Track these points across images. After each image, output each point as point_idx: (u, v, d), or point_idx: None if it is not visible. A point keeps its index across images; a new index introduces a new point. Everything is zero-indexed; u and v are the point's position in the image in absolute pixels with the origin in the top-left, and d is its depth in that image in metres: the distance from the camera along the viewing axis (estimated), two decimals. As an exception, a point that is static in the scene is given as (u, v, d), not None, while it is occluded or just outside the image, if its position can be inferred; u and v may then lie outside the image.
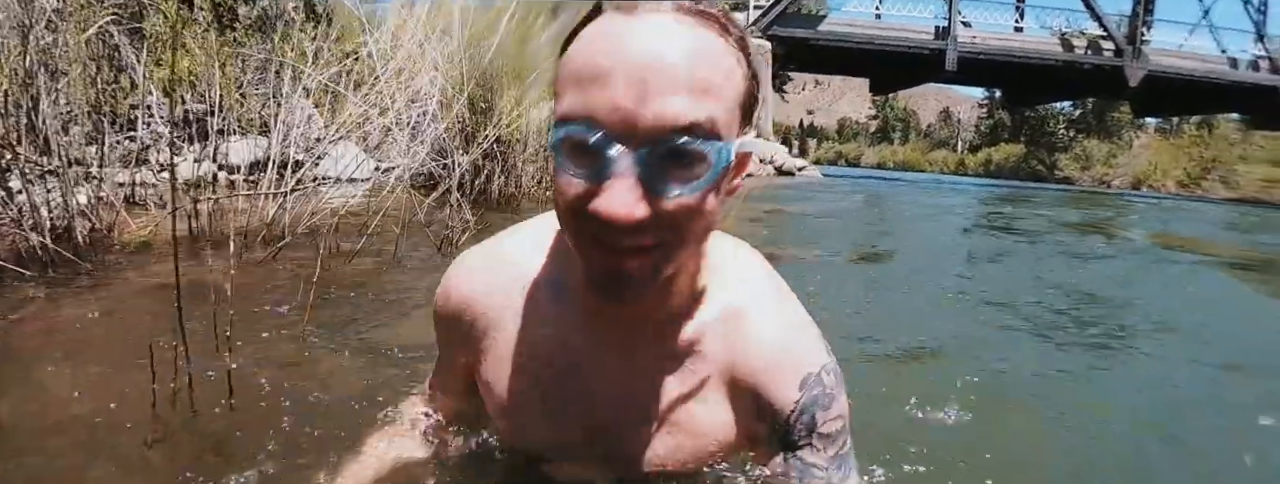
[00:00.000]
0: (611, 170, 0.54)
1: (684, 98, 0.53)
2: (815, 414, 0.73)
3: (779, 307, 0.77)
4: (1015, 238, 6.57)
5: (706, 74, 0.55)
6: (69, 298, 2.06)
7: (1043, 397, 1.87)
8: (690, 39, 0.55)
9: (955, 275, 3.87)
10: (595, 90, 0.54)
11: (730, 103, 0.57)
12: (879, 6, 23.47)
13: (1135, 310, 3.22)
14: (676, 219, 0.57)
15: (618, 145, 0.54)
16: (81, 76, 3.14)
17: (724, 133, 0.57)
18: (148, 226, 2.86)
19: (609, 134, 0.54)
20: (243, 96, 4.12)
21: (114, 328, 1.80)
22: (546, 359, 0.77)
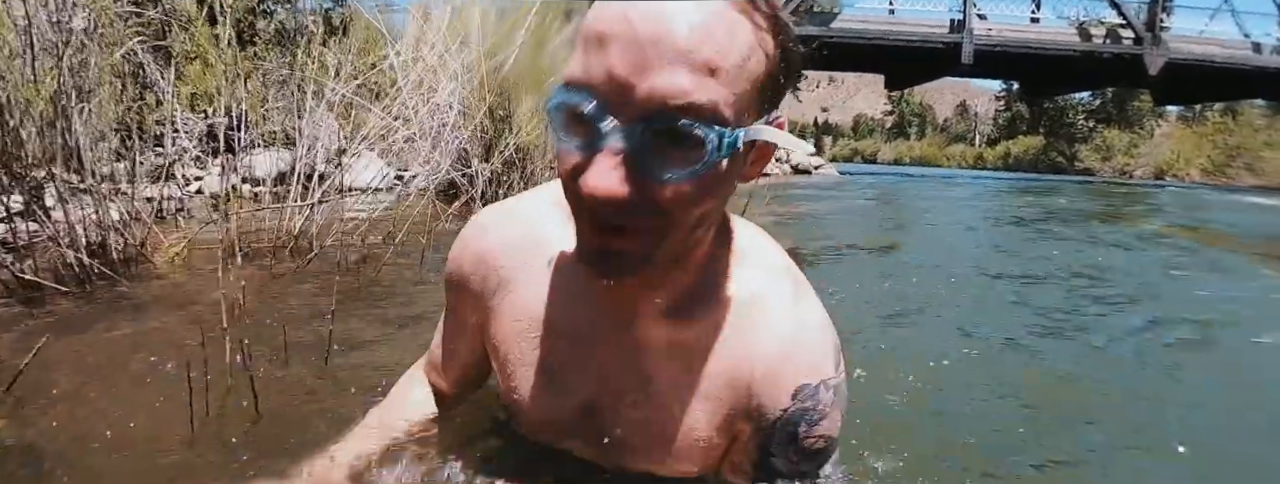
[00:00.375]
0: (601, 143, 0.52)
1: (685, 74, 0.50)
2: (798, 428, 0.69)
3: (796, 303, 0.73)
4: (1040, 233, 6.50)
5: (716, 52, 0.51)
6: (108, 313, 2.11)
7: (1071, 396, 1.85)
8: (705, 12, 0.51)
9: (983, 274, 3.83)
10: (594, 56, 0.52)
11: (742, 86, 0.53)
12: (892, 1, 23.32)
13: (1165, 306, 3.17)
14: (665, 204, 0.54)
15: (610, 117, 0.51)
16: (110, 95, 3.21)
17: (731, 117, 0.53)
18: (180, 242, 2.91)
19: (602, 104, 0.51)
20: (265, 111, 4.18)
21: (152, 343, 1.83)
22: (553, 327, 0.75)
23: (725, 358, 0.71)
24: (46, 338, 1.34)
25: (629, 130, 0.51)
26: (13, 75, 2.35)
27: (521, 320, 0.77)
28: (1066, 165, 52.74)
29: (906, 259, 4.36)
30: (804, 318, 0.72)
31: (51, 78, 2.41)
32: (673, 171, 0.53)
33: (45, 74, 2.39)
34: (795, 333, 0.70)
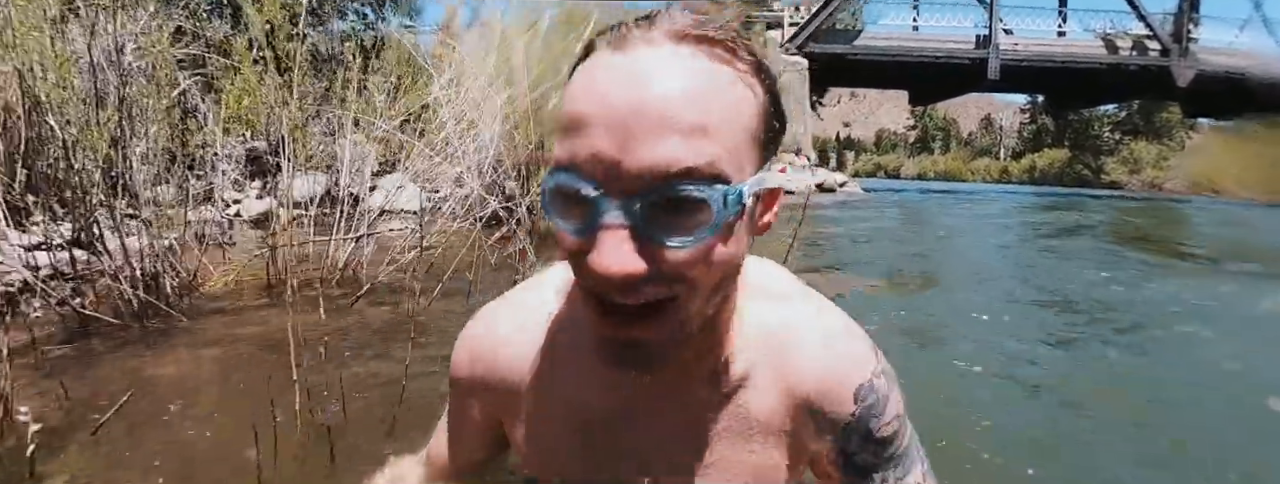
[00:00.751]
0: (601, 222, 0.49)
1: (675, 141, 0.47)
2: (870, 424, 0.70)
3: (818, 319, 0.72)
4: (1075, 253, 6.41)
5: (702, 112, 0.48)
6: (167, 351, 2.16)
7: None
8: (682, 74, 0.49)
9: (1019, 301, 3.78)
10: (578, 138, 0.49)
11: (737, 140, 0.51)
12: (916, 18, 23.27)
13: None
14: (680, 272, 0.52)
15: (606, 197, 0.49)
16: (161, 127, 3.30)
17: (731, 173, 0.50)
18: (229, 272, 2.98)
19: (596, 184, 0.49)
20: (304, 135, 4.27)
21: (211, 380, 1.88)
22: (583, 410, 0.71)
23: (774, 394, 0.70)
24: (130, 393, 1.38)
25: (626, 205, 0.49)
26: (77, 119, 2.44)
27: (549, 411, 0.73)
28: (1092, 178, 51.89)
29: (937, 291, 4.32)
30: (830, 327, 0.72)
31: (112, 120, 2.50)
32: (680, 238, 0.50)
33: (108, 118, 2.48)
34: (829, 343, 0.71)
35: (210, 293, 2.91)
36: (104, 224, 2.75)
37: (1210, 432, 1.84)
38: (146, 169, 3.02)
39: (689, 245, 0.50)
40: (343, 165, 3.37)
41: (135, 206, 2.90)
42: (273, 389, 1.48)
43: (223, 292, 2.93)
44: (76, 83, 2.48)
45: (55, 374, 1.79)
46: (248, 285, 3.03)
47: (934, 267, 5.26)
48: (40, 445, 1.18)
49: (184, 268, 2.90)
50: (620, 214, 0.49)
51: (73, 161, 2.43)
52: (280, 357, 2.06)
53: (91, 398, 1.65)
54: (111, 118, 2.46)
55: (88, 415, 1.51)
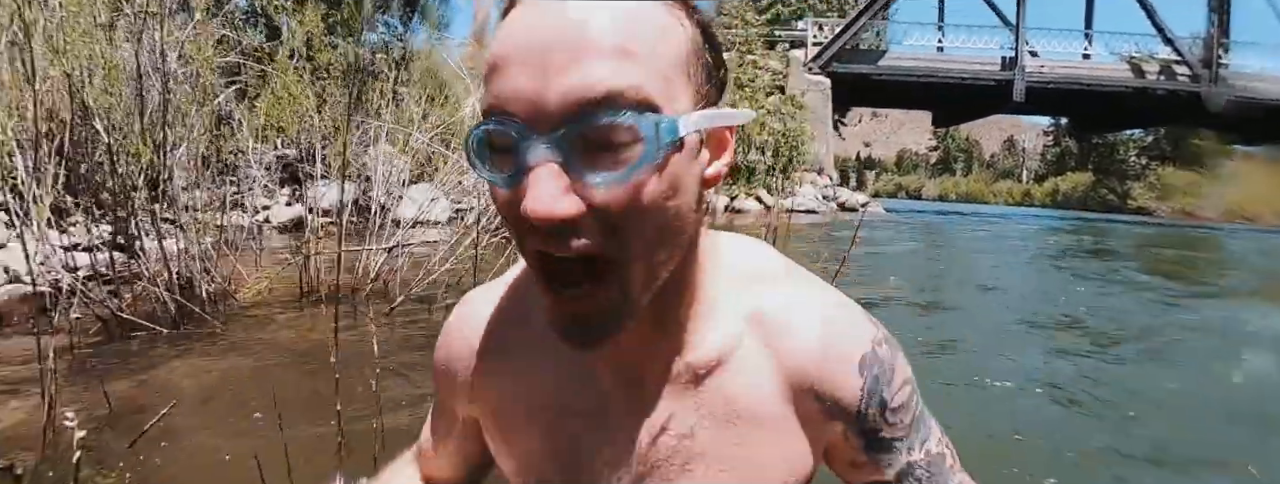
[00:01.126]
0: (527, 161, 0.46)
1: (594, 64, 0.45)
2: (882, 394, 0.65)
3: (807, 294, 0.66)
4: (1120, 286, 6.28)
5: (623, 36, 0.46)
6: (202, 356, 2.17)
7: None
8: (601, 3, 0.46)
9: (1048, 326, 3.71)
10: (499, 78, 0.46)
11: (664, 65, 0.48)
12: (941, 39, 23.21)
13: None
14: (615, 213, 0.48)
15: (530, 135, 0.46)
16: (201, 134, 3.35)
17: (661, 103, 0.47)
18: (262, 281, 3.00)
19: (520, 125, 0.46)
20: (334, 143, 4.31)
21: (249, 389, 1.87)
22: (555, 405, 0.67)
23: (768, 379, 0.64)
24: (173, 404, 1.38)
25: (551, 140, 0.45)
26: (123, 125, 2.48)
27: (522, 405, 0.68)
28: (1118, 204, 51.17)
29: (963, 315, 4.25)
30: (824, 301, 0.67)
31: (156, 127, 2.53)
32: (607, 173, 0.46)
33: (152, 125, 2.51)
34: (825, 316, 0.65)
35: (243, 299, 2.92)
36: (143, 228, 2.78)
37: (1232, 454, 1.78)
38: (184, 174, 3.06)
39: (618, 181, 0.46)
40: (376, 175, 3.38)
41: (174, 211, 2.93)
42: (311, 403, 1.48)
43: (255, 298, 2.95)
44: (123, 89, 2.51)
45: (94, 378, 1.80)
46: (280, 292, 3.05)
47: (960, 290, 5.18)
48: (84, 452, 1.17)
49: (219, 273, 2.92)
50: (545, 149, 0.45)
51: (117, 166, 2.46)
52: (314, 367, 2.06)
53: (131, 404, 1.65)
54: (156, 125, 2.48)
55: (129, 422, 1.51)
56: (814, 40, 21.58)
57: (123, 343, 2.29)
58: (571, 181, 0.46)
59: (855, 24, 21.83)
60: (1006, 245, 10.41)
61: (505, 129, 0.46)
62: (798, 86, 19.51)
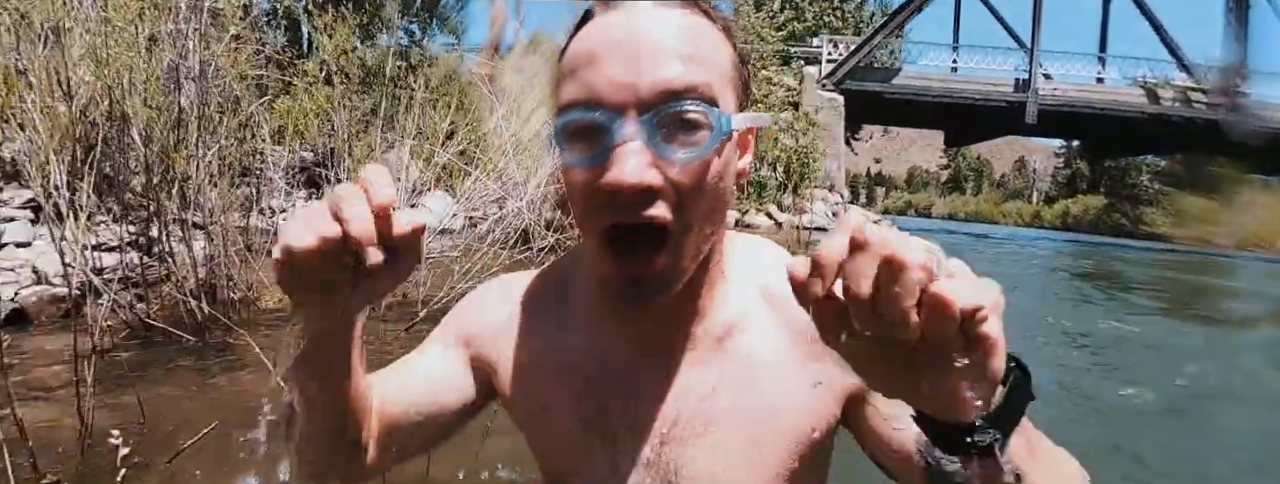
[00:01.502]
0: (617, 139, 0.55)
1: (677, 64, 0.55)
2: None
3: None
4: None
5: (694, 46, 0.57)
6: (231, 367, 2.21)
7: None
8: (673, 19, 0.57)
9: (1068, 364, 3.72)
10: (591, 72, 0.56)
11: (720, 72, 0.59)
12: (955, 60, 23.23)
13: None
14: (685, 187, 0.57)
15: (619, 117, 0.55)
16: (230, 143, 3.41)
17: (719, 101, 0.57)
18: (284, 289, 3.04)
19: (610, 109, 0.55)
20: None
21: (276, 401, 1.91)
22: (585, 370, 0.72)
23: (776, 335, 0.70)
24: (215, 424, 1.41)
25: (641, 122, 0.55)
26: (160, 137, 2.53)
27: (554, 373, 0.73)
28: (1131, 228, 50.86)
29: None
30: None
31: (193, 138, 2.59)
32: (686, 150, 0.56)
33: (189, 134, 2.57)
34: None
35: (265, 307, 2.97)
36: (170, 233, 2.83)
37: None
38: (210, 180, 3.11)
39: (692, 157, 0.56)
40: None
41: (200, 214, 2.98)
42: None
43: (277, 306, 3.00)
44: (160, 100, 2.57)
45: (126, 386, 1.84)
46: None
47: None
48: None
49: (241, 280, 2.97)
50: (634, 129, 0.54)
51: (152, 175, 2.51)
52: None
53: (165, 416, 1.69)
54: (191, 135, 2.54)
55: (163, 435, 1.55)
56: (828, 57, 21.62)
57: (150, 350, 2.34)
58: (653, 158, 0.55)
59: (870, 42, 21.88)
60: (1017, 269, 10.38)
61: (592, 114, 0.55)
62: (811, 103, 19.54)
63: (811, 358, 0.70)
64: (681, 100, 0.55)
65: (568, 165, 0.58)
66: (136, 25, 2.70)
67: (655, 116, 0.55)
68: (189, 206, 2.84)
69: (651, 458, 0.70)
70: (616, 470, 0.71)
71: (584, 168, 0.57)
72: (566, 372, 0.72)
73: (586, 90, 0.56)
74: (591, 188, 0.57)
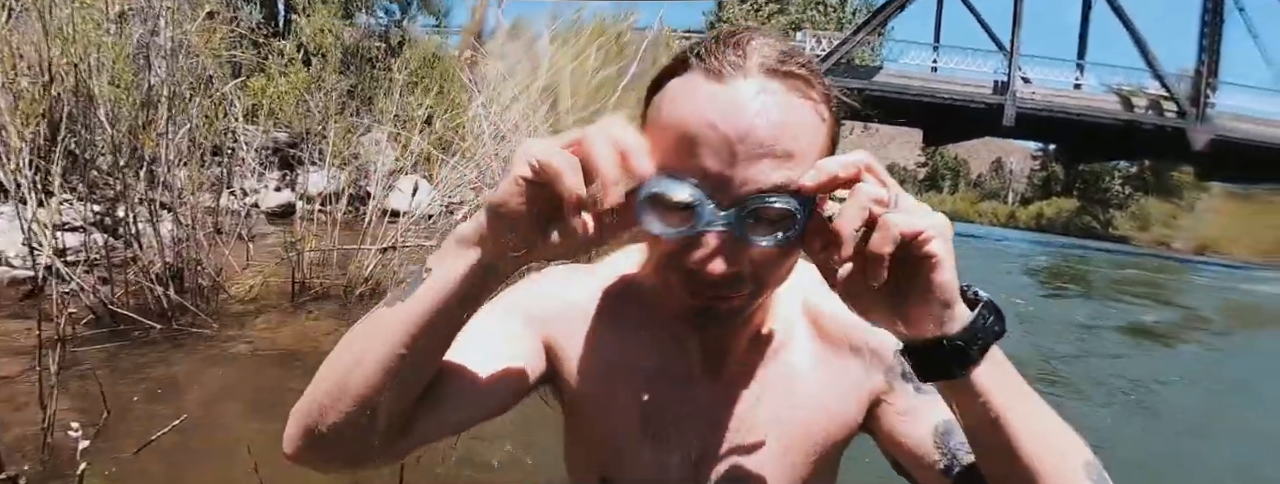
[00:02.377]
0: (704, 227, 0.57)
1: (769, 163, 0.56)
2: None
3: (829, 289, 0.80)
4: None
5: (791, 140, 0.57)
6: (197, 357, 2.17)
7: None
8: (775, 107, 0.57)
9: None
10: (686, 155, 0.57)
11: (812, 158, 0.58)
12: (936, 60, 23.44)
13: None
14: (762, 270, 0.61)
15: (710, 205, 0.56)
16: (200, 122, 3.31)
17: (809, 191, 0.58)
18: (255, 276, 2.99)
19: (700, 195, 0.56)
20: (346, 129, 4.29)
21: (247, 395, 1.89)
22: (648, 368, 0.77)
23: (813, 346, 0.78)
24: (183, 417, 1.39)
25: (728, 214, 0.57)
26: (129, 117, 2.47)
27: (607, 374, 0.77)
28: (1100, 231, 51.96)
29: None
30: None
31: (161, 118, 2.53)
32: (768, 240, 0.58)
33: (159, 115, 2.51)
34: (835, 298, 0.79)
35: (234, 295, 2.91)
36: (137, 214, 2.76)
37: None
38: (179, 159, 3.03)
39: (770, 247, 0.58)
40: (375, 171, 3.38)
41: (167, 194, 2.91)
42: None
43: (247, 293, 2.95)
44: (128, 79, 2.50)
45: (89, 377, 1.80)
46: (270, 287, 3.04)
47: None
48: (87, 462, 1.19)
49: (210, 265, 2.91)
50: (722, 221, 0.57)
51: (119, 156, 2.45)
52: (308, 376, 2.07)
53: (130, 408, 1.66)
54: (160, 117, 2.48)
55: (129, 428, 1.52)
56: (811, 52, 21.70)
57: (115, 339, 2.29)
58: (734, 246, 0.58)
59: (853, 38, 22.00)
60: (993, 270, 10.56)
61: (686, 196, 0.56)
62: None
63: (843, 366, 0.77)
64: (772, 197, 0.56)
65: (653, 231, 0.58)
66: (106, 2, 2.62)
67: (742, 210, 0.57)
68: (157, 186, 2.76)
69: (696, 460, 0.76)
70: (663, 471, 0.76)
71: (669, 239, 0.59)
72: (631, 373, 0.77)
73: (682, 169, 0.57)
74: (674, 257, 0.60)
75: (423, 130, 3.26)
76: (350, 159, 4.19)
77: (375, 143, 4.12)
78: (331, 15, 3.55)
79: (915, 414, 0.76)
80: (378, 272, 3.05)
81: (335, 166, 5.10)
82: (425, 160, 4.74)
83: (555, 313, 0.79)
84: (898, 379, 0.78)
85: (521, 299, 0.79)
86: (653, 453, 0.77)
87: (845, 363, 0.77)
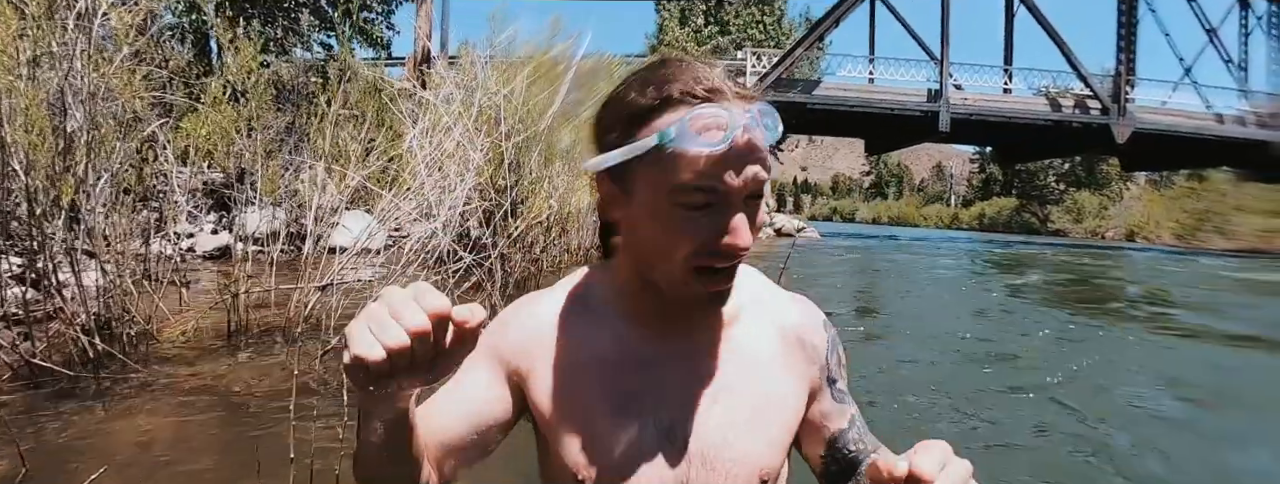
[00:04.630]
0: (729, 213, 0.74)
1: (760, 167, 0.75)
2: (837, 349, 0.94)
3: (774, 287, 0.96)
4: (1020, 300, 6.64)
5: (766, 148, 0.76)
6: (125, 406, 2.09)
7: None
8: (755, 133, 0.74)
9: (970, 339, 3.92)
10: (712, 178, 0.73)
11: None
12: (872, 71, 24.19)
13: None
14: (753, 238, 0.77)
15: (731, 199, 0.74)
16: (124, 166, 3.22)
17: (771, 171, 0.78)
18: (188, 321, 2.90)
19: (727, 195, 0.74)
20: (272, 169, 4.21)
21: (177, 443, 1.83)
22: (614, 358, 0.85)
23: (766, 329, 0.89)
24: (103, 469, 1.34)
25: (743, 203, 0.75)
26: (45, 164, 2.39)
27: (576, 366, 0.85)
28: (1039, 226, 53.92)
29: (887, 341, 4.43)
30: (785, 291, 0.97)
31: (80, 165, 2.45)
32: (758, 214, 0.77)
33: (76, 163, 2.43)
34: (791, 297, 0.95)
35: (168, 339, 2.82)
36: (58, 262, 2.66)
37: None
38: (104, 207, 2.94)
39: (760, 216, 0.78)
40: (310, 209, 3.33)
41: (92, 242, 2.81)
42: (241, 466, 1.45)
43: (180, 338, 2.85)
44: (44, 124, 2.43)
45: (5, 434, 1.73)
46: (206, 330, 2.96)
47: (885, 315, 5.39)
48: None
49: (140, 312, 2.81)
50: (739, 209, 0.75)
51: (35, 205, 2.37)
52: (243, 417, 2.02)
53: (49, 462, 1.59)
54: (79, 163, 2.41)
55: (50, 482, 1.46)
56: (752, 69, 22.15)
57: (35, 391, 2.19)
58: (747, 223, 0.75)
59: (792, 54, 22.56)
60: (933, 271, 10.85)
61: (710, 195, 0.74)
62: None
63: (794, 356, 0.90)
64: (762, 187, 0.76)
65: (675, 215, 0.75)
66: (17, 46, 2.54)
67: (749, 200, 0.76)
68: (79, 235, 2.67)
69: (672, 428, 0.84)
70: (642, 443, 0.83)
71: (698, 229, 0.75)
72: (594, 363, 0.85)
73: (709, 179, 0.73)
74: (706, 242, 0.75)
75: (360, 163, 3.22)
76: (284, 197, 4.11)
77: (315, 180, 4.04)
78: (256, 52, 3.49)
79: (828, 419, 0.91)
80: (316, 310, 2.99)
81: (271, 205, 5.00)
82: (366, 194, 4.69)
83: (508, 344, 0.88)
84: (824, 382, 0.91)
85: (491, 340, 0.88)
86: (624, 429, 0.83)
87: (795, 353, 0.89)
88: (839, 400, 0.92)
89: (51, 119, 2.57)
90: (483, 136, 3.33)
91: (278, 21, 12.37)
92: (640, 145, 0.74)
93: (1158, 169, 37.29)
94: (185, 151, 5.44)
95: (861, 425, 0.93)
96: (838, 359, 0.94)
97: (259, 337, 2.94)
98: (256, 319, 3.04)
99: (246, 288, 2.99)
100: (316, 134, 3.32)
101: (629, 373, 0.85)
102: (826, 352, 0.92)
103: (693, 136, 0.72)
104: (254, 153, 4.03)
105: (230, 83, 3.58)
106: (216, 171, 6.82)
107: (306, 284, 2.98)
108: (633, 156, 0.75)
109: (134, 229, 3.44)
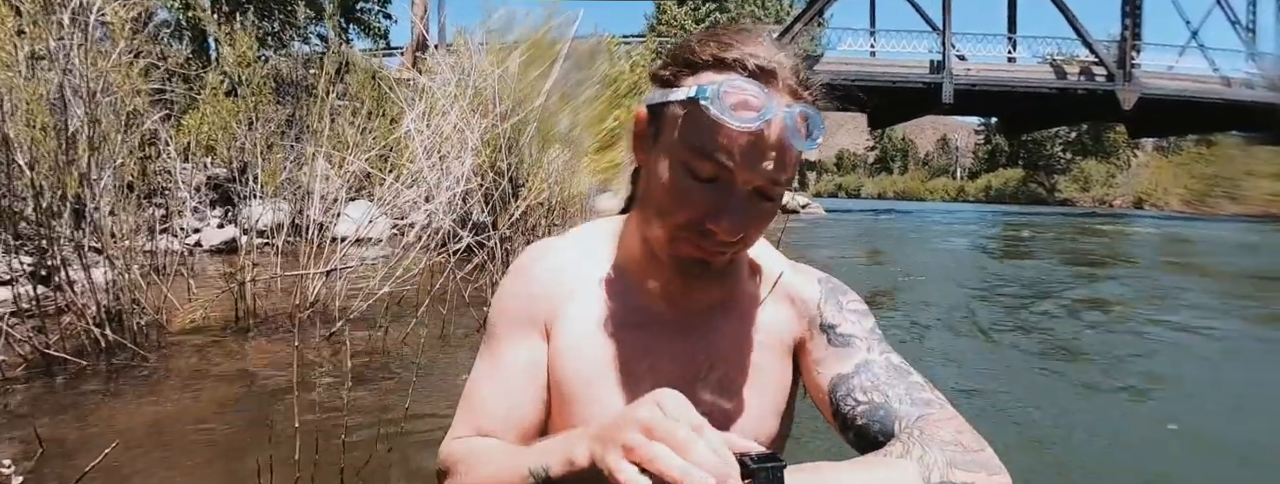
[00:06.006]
0: (728, 198, 0.73)
1: (775, 167, 0.73)
2: (838, 297, 0.91)
3: (777, 254, 0.96)
4: (1030, 271, 6.65)
5: (793, 153, 0.74)
6: (136, 392, 2.15)
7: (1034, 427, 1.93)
8: (786, 132, 0.72)
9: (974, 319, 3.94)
10: (725, 153, 0.72)
11: (797, 163, 0.77)
12: (873, 44, 23.98)
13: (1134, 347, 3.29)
14: (757, 228, 0.77)
15: (735, 185, 0.73)
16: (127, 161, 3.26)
17: (791, 181, 0.77)
18: (195, 310, 2.96)
19: (732, 178, 0.73)
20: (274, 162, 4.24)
21: (187, 425, 1.88)
22: (622, 320, 0.87)
23: (774, 289, 0.91)
24: (115, 444, 1.39)
25: (746, 193, 0.74)
26: (48, 157, 2.43)
27: (596, 324, 0.87)
28: (1046, 196, 53.62)
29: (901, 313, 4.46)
30: (786, 258, 0.97)
31: (83, 159, 2.49)
32: (764, 208, 0.76)
33: (78, 157, 2.47)
34: (789, 261, 0.96)
35: (176, 328, 2.88)
36: (67, 258, 2.71)
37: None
38: (109, 202, 2.98)
39: (762, 218, 0.76)
40: (313, 198, 3.37)
41: (99, 238, 2.86)
42: (251, 441, 1.50)
43: (189, 326, 2.91)
44: (45, 120, 2.46)
45: (22, 418, 1.78)
46: (214, 319, 3.01)
47: (893, 291, 5.42)
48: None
49: (149, 303, 2.87)
50: (741, 197, 0.73)
51: (41, 200, 2.42)
52: (252, 400, 2.07)
53: (65, 444, 1.65)
54: (82, 157, 2.45)
55: (64, 465, 1.51)
56: (752, 46, 21.96)
57: (49, 380, 2.25)
58: (747, 216, 0.74)
59: (792, 29, 22.36)
60: (939, 244, 10.83)
61: (718, 174, 0.73)
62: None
63: (783, 312, 0.90)
64: (775, 184, 0.74)
65: (680, 177, 0.74)
66: (15, 43, 2.57)
67: (753, 193, 0.74)
68: (83, 227, 2.72)
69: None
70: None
71: (697, 200, 0.74)
72: (606, 321, 0.87)
73: (722, 159, 0.72)
74: (697, 218, 0.74)
75: (359, 148, 3.25)
76: (284, 186, 4.15)
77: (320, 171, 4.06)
78: (251, 46, 3.52)
79: (823, 364, 0.87)
80: (322, 294, 3.05)
81: (274, 197, 5.03)
82: (367, 180, 4.72)
83: (544, 298, 0.89)
84: (816, 329, 0.89)
85: (518, 305, 0.90)
86: (625, 391, 0.85)
87: (783, 309, 0.90)
88: (839, 344, 0.87)
89: (52, 115, 2.61)
90: (478, 117, 3.35)
91: (274, 15, 12.35)
92: (680, 92, 0.75)
93: (1165, 135, 36.93)
94: (187, 147, 5.49)
95: (878, 374, 0.83)
96: (837, 305, 0.90)
97: (266, 321, 3.00)
98: (263, 306, 3.09)
99: (252, 275, 3.04)
100: (319, 124, 3.34)
101: (631, 333, 0.86)
102: (819, 300, 0.90)
103: (724, 104, 0.71)
104: (256, 145, 4.05)
105: (227, 74, 3.60)
106: (220, 166, 6.87)
107: (310, 270, 3.02)
108: (671, 100, 0.76)
109: (140, 225, 3.49)
